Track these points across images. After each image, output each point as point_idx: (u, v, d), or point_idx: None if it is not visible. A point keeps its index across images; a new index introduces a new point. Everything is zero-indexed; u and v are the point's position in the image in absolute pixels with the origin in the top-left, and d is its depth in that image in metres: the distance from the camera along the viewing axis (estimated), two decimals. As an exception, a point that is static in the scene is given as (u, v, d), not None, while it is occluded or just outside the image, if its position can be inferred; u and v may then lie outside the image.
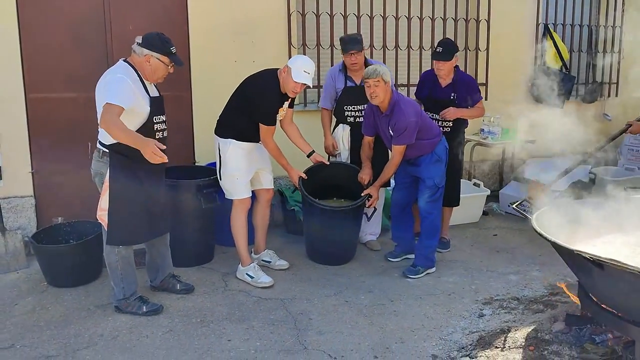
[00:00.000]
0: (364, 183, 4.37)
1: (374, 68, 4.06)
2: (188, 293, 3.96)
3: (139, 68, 3.48)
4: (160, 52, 3.44)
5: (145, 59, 3.44)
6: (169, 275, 3.99)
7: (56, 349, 3.26)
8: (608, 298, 2.83)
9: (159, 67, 3.47)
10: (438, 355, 3.16)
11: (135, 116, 3.39)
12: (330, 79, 4.67)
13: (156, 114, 3.52)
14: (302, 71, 3.92)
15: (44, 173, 4.81)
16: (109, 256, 3.60)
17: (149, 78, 3.51)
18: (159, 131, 3.56)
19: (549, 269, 4.37)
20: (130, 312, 3.64)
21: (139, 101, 3.39)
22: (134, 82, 3.39)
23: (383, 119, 4.22)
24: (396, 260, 4.57)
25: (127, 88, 3.33)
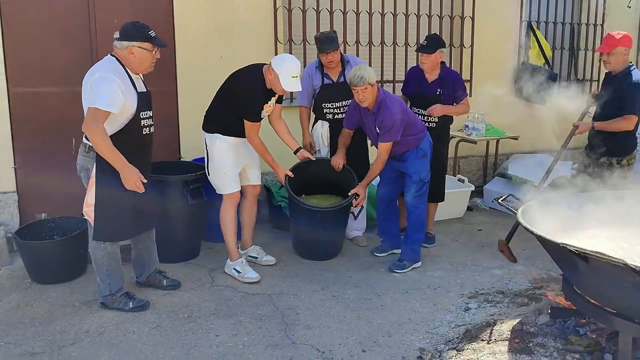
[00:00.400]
0: (337, 168, 4.39)
1: (360, 75, 4.00)
2: (175, 289, 3.94)
3: (125, 62, 3.42)
4: (140, 40, 3.37)
5: (129, 52, 3.38)
6: (155, 271, 3.96)
7: (41, 346, 3.22)
8: (592, 290, 2.88)
9: (143, 56, 3.40)
10: (425, 349, 3.19)
11: (123, 112, 3.34)
12: (307, 76, 4.63)
13: (143, 110, 3.47)
14: (290, 77, 3.85)
15: (27, 169, 4.75)
16: (95, 252, 3.57)
17: (136, 70, 3.45)
18: (146, 127, 3.52)
19: (533, 263, 4.43)
20: (117, 308, 3.61)
21: (126, 98, 3.34)
22: (121, 78, 3.34)
23: (369, 117, 4.23)
24: (382, 255, 4.60)
25: (115, 89, 3.27)
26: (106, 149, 3.25)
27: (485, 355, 3.05)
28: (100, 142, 3.24)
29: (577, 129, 4.26)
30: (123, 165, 3.29)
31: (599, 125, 4.21)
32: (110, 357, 3.11)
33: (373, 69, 4.34)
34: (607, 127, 4.23)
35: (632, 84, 4.22)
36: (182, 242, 4.45)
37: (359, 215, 4.90)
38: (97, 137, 3.23)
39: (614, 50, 4.13)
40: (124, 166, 3.29)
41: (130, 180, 3.31)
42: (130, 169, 3.31)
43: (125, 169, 3.29)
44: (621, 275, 2.47)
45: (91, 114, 3.23)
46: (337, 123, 4.66)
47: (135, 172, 3.32)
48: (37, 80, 4.69)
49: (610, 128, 4.23)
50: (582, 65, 7.24)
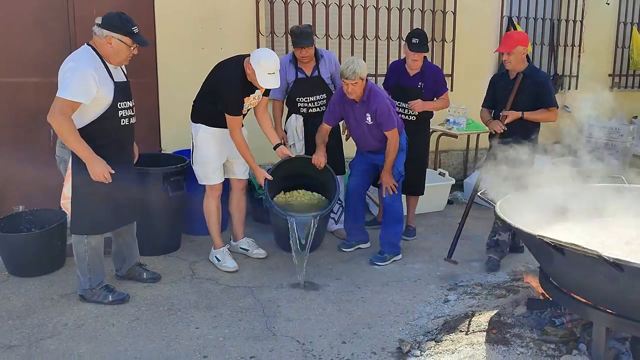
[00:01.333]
0: (319, 166, 4.33)
1: (353, 70, 3.99)
2: (155, 282, 3.92)
3: (101, 51, 3.33)
4: (121, 33, 3.29)
5: (106, 41, 3.29)
6: (135, 264, 3.94)
7: (19, 339, 3.19)
8: (568, 282, 2.93)
9: (121, 48, 3.32)
10: (404, 340, 3.22)
11: (97, 102, 3.29)
12: (281, 70, 4.43)
13: (121, 100, 3.41)
14: (267, 74, 3.79)
15: (4, 160, 4.68)
16: (77, 246, 3.53)
17: (112, 61, 3.36)
18: (124, 117, 3.46)
19: (511, 255, 4.48)
20: (96, 301, 3.58)
21: (101, 88, 3.27)
22: (96, 68, 3.27)
23: (358, 108, 4.24)
24: (349, 251, 4.61)
25: (85, 79, 3.19)
26: (72, 139, 3.21)
27: (464, 345, 3.09)
28: (65, 133, 3.20)
29: (507, 118, 4.23)
30: (88, 156, 3.25)
31: (528, 115, 4.14)
32: (89, 349, 3.09)
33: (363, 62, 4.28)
34: (536, 117, 4.18)
35: (545, 77, 4.32)
36: (163, 234, 4.43)
37: (339, 220, 4.91)
38: (62, 127, 3.19)
39: (513, 50, 4.11)
40: (89, 157, 3.25)
41: (96, 172, 3.28)
42: (96, 160, 3.27)
43: (91, 160, 3.26)
44: (595, 266, 2.52)
45: (57, 104, 3.18)
46: (311, 117, 4.66)
47: (101, 164, 3.28)
48: (14, 71, 4.62)
49: (538, 118, 4.21)
50: (561, 60, 7.32)
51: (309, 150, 4.65)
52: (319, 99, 4.64)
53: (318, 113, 4.62)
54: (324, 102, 4.65)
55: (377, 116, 4.18)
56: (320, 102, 4.66)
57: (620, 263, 2.41)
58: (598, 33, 7.47)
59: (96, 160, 3.26)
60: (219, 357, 3.05)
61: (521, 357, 2.90)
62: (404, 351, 3.12)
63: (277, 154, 4.28)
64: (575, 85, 7.45)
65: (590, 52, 7.43)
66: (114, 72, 3.41)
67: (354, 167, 4.57)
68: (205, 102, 4.06)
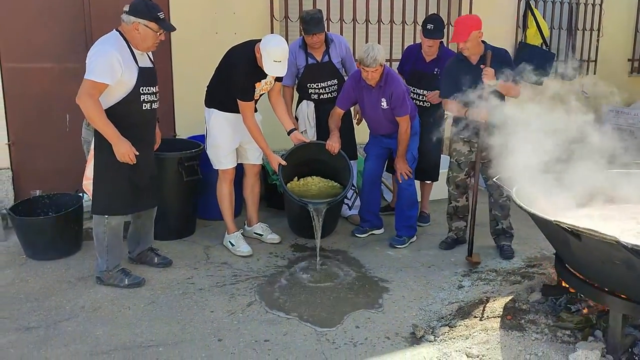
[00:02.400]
0: (334, 151, 4.31)
1: (374, 57, 3.95)
2: (166, 267, 3.94)
3: (129, 37, 3.39)
4: (148, 19, 3.34)
5: (134, 27, 3.35)
6: (147, 249, 3.96)
7: (37, 321, 3.24)
8: (584, 268, 2.90)
9: (147, 34, 3.37)
10: (418, 325, 3.22)
11: (121, 85, 3.34)
12: (291, 56, 4.41)
13: (144, 85, 3.45)
14: (272, 61, 3.76)
15: (21, 145, 4.73)
16: (97, 227, 3.56)
17: (139, 47, 3.42)
18: (146, 102, 3.49)
19: (526, 242, 4.46)
20: (112, 284, 3.62)
21: (125, 71, 3.33)
22: (121, 52, 3.33)
23: (374, 93, 4.21)
24: (363, 236, 4.60)
25: (110, 61, 3.26)
26: (99, 120, 3.28)
27: (478, 331, 3.08)
28: (92, 114, 3.26)
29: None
30: (114, 136, 3.32)
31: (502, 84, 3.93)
32: (105, 332, 3.13)
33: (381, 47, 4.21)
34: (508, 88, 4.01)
35: (506, 52, 4.13)
36: (178, 219, 4.46)
37: (353, 206, 4.90)
38: (89, 108, 3.26)
39: (469, 37, 3.93)
40: (115, 138, 3.32)
41: (121, 152, 3.34)
42: (121, 141, 3.33)
43: (117, 140, 3.32)
44: (613, 252, 2.49)
45: (85, 86, 3.25)
46: (322, 103, 4.63)
47: (126, 144, 3.34)
48: (30, 56, 4.64)
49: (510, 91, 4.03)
50: (579, 45, 7.20)
51: (321, 136, 4.63)
52: (330, 85, 4.61)
53: (329, 99, 4.60)
54: (335, 87, 4.62)
55: (392, 100, 4.15)
56: (331, 88, 4.62)
57: (638, 249, 2.38)
58: (617, 16, 7.32)
59: (122, 141, 3.33)
60: (233, 340, 3.08)
61: (536, 343, 2.89)
62: (417, 336, 3.12)
63: (291, 139, 4.27)
64: (593, 69, 7.32)
65: (609, 36, 7.29)
66: (140, 57, 3.46)
67: (369, 151, 4.56)
68: (218, 87, 4.06)
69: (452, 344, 3.02)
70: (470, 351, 2.91)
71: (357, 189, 4.97)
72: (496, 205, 4.25)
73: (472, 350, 2.92)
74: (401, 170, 4.33)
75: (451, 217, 4.42)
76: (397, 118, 4.22)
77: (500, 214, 4.26)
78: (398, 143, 4.30)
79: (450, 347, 2.99)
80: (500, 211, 4.25)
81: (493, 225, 4.36)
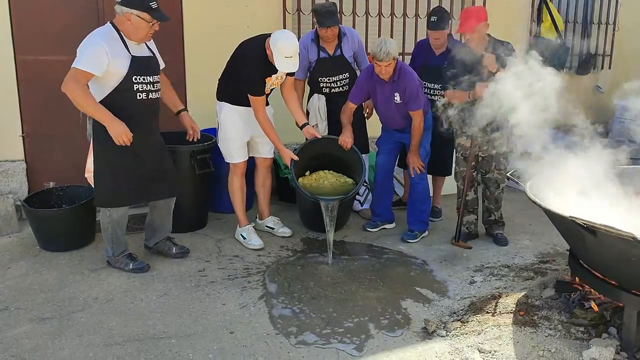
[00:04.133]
0: (347, 147, 4.28)
1: (386, 51, 3.93)
2: (183, 256, 3.96)
3: (121, 27, 3.38)
4: (140, 9, 3.32)
5: (126, 18, 3.33)
6: (165, 238, 3.98)
7: (51, 312, 3.27)
8: (599, 264, 2.87)
9: (140, 25, 3.35)
10: (430, 320, 3.21)
11: (111, 75, 3.35)
12: (302, 49, 4.42)
13: (137, 74, 3.43)
14: (284, 58, 3.73)
15: (35, 137, 4.76)
16: (102, 217, 3.66)
17: (132, 38, 3.40)
18: (141, 92, 3.47)
19: (539, 238, 4.43)
20: (118, 267, 3.72)
21: (114, 61, 3.32)
22: (110, 43, 3.32)
23: (387, 87, 4.19)
24: (375, 231, 4.59)
25: (96, 52, 3.27)
26: (87, 103, 3.28)
27: (490, 327, 3.06)
28: (80, 98, 3.27)
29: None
30: (107, 118, 3.31)
31: None
32: (118, 323, 3.15)
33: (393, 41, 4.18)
34: None
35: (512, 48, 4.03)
36: (190, 212, 4.47)
37: (365, 202, 4.89)
38: (75, 93, 3.26)
39: (475, 28, 3.91)
40: (107, 119, 3.31)
41: (117, 133, 3.33)
42: (115, 121, 3.32)
43: (110, 121, 3.31)
44: (629, 249, 2.46)
45: (70, 74, 3.27)
46: (334, 97, 4.61)
47: (121, 125, 3.33)
48: (44, 48, 4.66)
49: None
50: (594, 39, 7.11)
51: (332, 130, 4.61)
52: (341, 79, 4.59)
53: (341, 93, 4.58)
54: (347, 81, 4.60)
55: (406, 95, 4.13)
56: (343, 82, 4.60)
57: (655, 246, 2.35)
58: (634, 10, 7.21)
59: (115, 121, 3.32)
60: (245, 333, 3.08)
61: (549, 340, 2.87)
62: (429, 331, 3.11)
63: (303, 133, 4.25)
64: (608, 64, 7.24)
65: (625, 30, 7.19)
66: (134, 46, 3.44)
67: (381, 146, 4.54)
68: (230, 81, 4.05)
69: (464, 339, 3.01)
70: (483, 347, 2.89)
71: (369, 184, 4.95)
72: (491, 198, 4.35)
73: (484, 345, 2.90)
74: (414, 164, 4.31)
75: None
76: (410, 112, 4.20)
77: (493, 207, 4.38)
78: (411, 137, 4.28)
79: (462, 343, 2.98)
80: (494, 204, 4.37)
81: (485, 216, 4.46)
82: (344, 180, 4.48)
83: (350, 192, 4.26)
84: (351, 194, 4.26)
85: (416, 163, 4.31)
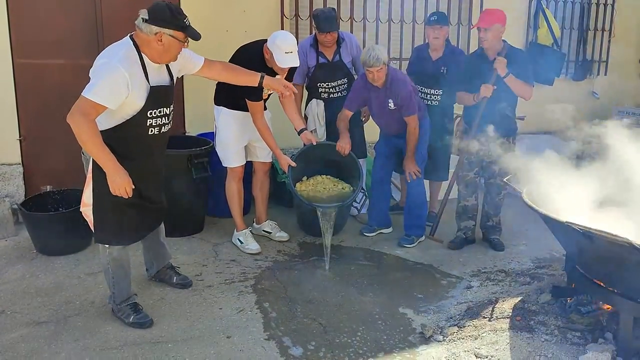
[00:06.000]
0: (344, 153, 4.28)
1: (376, 56, 3.96)
2: (184, 288, 3.60)
3: (146, 48, 2.87)
4: (174, 27, 2.83)
5: (156, 38, 2.82)
6: (166, 266, 3.67)
7: (47, 316, 3.26)
8: (595, 269, 2.89)
9: (172, 45, 2.87)
10: (427, 325, 3.22)
11: (125, 106, 2.87)
12: (301, 54, 4.39)
13: (153, 108, 2.94)
14: (284, 54, 3.74)
15: (32, 140, 4.76)
16: (102, 256, 3.21)
17: (158, 59, 2.92)
18: (154, 127, 3.00)
19: (536, 243, 4.44)
20: (120, 317, 3.22)
21: (133, 92, 2.84)
22: (131, 70, 2.82)
23: (381, 93, 4.21)
24: (372, 235, 4.60)
25: (116, 82, 2.77)
26: (92, 144, 2.78)
27: (487, 332, 3.07)
28: (85, 136, 2.75)
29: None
30: (109, 165, 2.83)
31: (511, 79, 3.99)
32: (115, 327, 3.15)
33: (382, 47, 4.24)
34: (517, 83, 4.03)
35: (525, 55, 4.14)
36: (186, 216, 4.46)
37: (361, 209, 4.90)
38: (81, 129, 2.74)
39: (491, 26, 3.96)
40: (110, 167, 2.83)
41: (116, 184, 2.85)
42: (117, 171, 2.84)
43: (112, 170, 2.83)
44: (625, 254, 2.47)
45: (80, 104, 2.75)
46: (332, 102, 4.62)
47: (123, 176, 2.85)
48: (42, 52, 4.66)
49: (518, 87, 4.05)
50: (591, 45, 7.15)
51: (330, 135, 4.62)
52: (340, 84, 4.61)
53: (340, 98, 4.59)
54: (345, 86, 4.61)
55: (399, 100, 4.15)
56: (341, 87, 4.62)
57: (651, 251, 2.37)
58: (630, 17, 7.26)
59: (118, 171, 2.84)
60: (242, 337, 3.08)
61: (545, 345, 2.88)
62: (426, 336, 3.12)
63: (301, 139, 4.26)
64: (604, 71, 7.27)
65: (620, 37, 7.24)
66: (154, 73, 2.95)
67: (379, 151, 4.56)
68: (227, 86, 4.04)
69: (460, 344, 3.02)
70: (479, 352, 2.90)
71: (366, 190, 4.96)
72: (491, 203, 4.38)
73: (481, 350, 2.91)
74: (410, 170, 4.32)
75: (460, 217, 4.43)
76: (405, 118, 4.21)
77: (492, 212, 4.41)
78: (407, 143, 4.30)
79: (459, 347, 2.98)
80: (494, 209, 4.40)
81: (483, 220, 4.48)
82: (342, 186, 4.47)
83: (347, 199, 4.26)
84: (348, 201, 4.26)
85: (412, 168, 4.32)
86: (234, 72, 3.50)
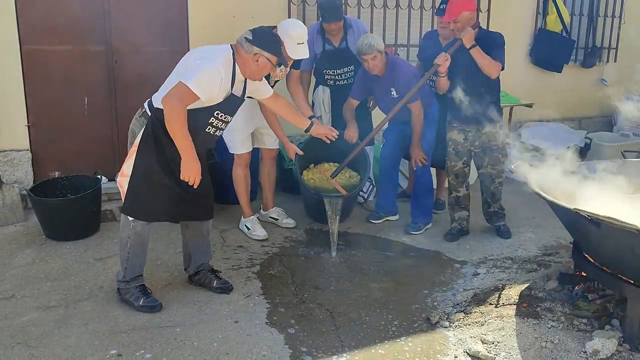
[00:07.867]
0: (352, 141, 4.29)
1: (368, 43, 3.95)
2: (224, 292, 3.44)
3: (242, 62, 3.15)
4: (273, 53, 3.15)
5: (254, 58, 3.11)
6: (206, 269, 3.53)
7: (57, 300, 3.29)
8: (603, 257, 2.88)
9: (266, 66, 3.16)
10: (433, 311, 3.23)
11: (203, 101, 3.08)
12: (308, 40, 4.22)
13: (221, 111, 3.17)
14: (296, 44, 3.72)
15: (41, 127, 4.77)
16: (122, 230, 3.22)
17: (249, 75, 3.20)
18: (212, 126, 3.20)
19: (543, 231, 4.44)
20: (127, 300, 3.24)
21: (218, 92, 3.09)
22: (226, 71, 3.09)
23: (383, 82, 4.20)
24: (378, 222, 4.60)
25: (214, 78, 3.02)
26: (179, 129, 2.96)
27: (493, 318, 3.08)
28: (175, 120, 2.94)
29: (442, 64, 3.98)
30: (188, 153, 3.00)
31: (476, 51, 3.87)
32: (123, 312, 3.18)
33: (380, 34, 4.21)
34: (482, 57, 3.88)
35: (499, 37, 3.98)
36: (194, 202, 4.47)
37: (369, 198, 4.89)
38: (173, 113, 2.93)
39: (458, 17, 3.85)
40: (188, 154, 3.01)
41: (188, 170, 3.03)
42: (194, 160, 3.03)
43: (190, 157, 3.01)
44: (633, 241, 2.47)
45: (179, 89, 2.95)
46: (338, 89, 4.60)
47: (197, 165, 3.04)
48: (49, 38, 4.67)
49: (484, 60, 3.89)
50: (600, 32, 7.08)
51: (335, 122, 4.61)
52: (346, 71, 4.59)
53: (346, 85, 4.58)
54: (352, 74, 4.59)
55: (401, 88, 4.13)
56: (347, 74, 4.60)
57: (659, 238, 2.36)
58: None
59: (195, 158, 3.03)
60: (249, 322, 3.11)
61: (552, 331, 2.88)
62: (432, 322, 3.13)
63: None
64: (614, 57, 7.21)
65: (631, 23, 7.16)
66: (237, 83, 3.21)
67: (387, 137, 4.55)
68: None
69: (467, 330, 3.03)
70: (485, 337, 2.91)
71: (373, 179, 4.96)
72: (488, 192, 4.34)
73: (487, 336, 2.92)
74: (416, 157, 4.31)
75: (453, 208, 4.40)
76: (408, 105, 4.19)
77: (490, 200, 4.37)
78: (412, 130, 4.28)
79: (465, 333, 2.99)
80: (492, 197, 4.36)
81: (485, 207, 4.46)
82: (349, 174, 4.48)
83: (354, 188, 4.26)
84: (355, 191, 4.26)
85: (418, 155, 4.31)
86: (290, 112, 3.74)
